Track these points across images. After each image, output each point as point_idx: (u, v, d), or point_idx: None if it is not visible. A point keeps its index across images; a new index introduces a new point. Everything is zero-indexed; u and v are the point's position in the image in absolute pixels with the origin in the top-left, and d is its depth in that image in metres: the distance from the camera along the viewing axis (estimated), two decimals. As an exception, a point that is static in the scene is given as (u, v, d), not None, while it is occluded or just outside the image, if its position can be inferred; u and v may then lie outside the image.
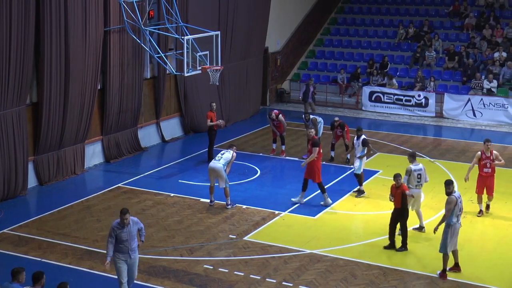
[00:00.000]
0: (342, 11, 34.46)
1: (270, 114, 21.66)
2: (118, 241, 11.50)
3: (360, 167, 17.75)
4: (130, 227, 11.58)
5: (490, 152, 16.17)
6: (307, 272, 13.41)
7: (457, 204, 13.07)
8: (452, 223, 13.08)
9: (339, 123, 20.62)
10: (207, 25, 22.40)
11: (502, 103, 26.17)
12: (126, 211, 11.52)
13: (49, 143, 18.62)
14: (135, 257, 11.80)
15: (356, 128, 18.38)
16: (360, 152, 17.78)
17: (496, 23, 30.05)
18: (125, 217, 11.47)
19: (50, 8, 17.72)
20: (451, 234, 13.07)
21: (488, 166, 16.15)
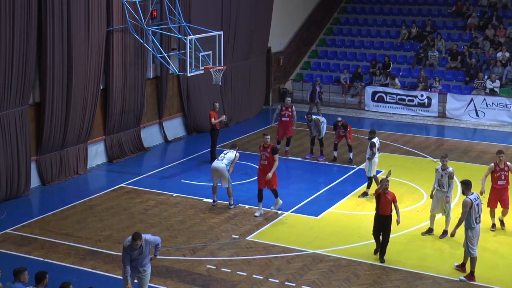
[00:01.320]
0: (345, 11, 34.44)
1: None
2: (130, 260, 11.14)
3: (370, 170, 17.60)
4: (143, 248, 11.14)
5: (504, 163, 15.35)
6: (309, 272, 13.40)
7: (472, 207, 12.92)
8: (470, 227, 12.97)
9: (341, 123, 20.58)
10: (210, 25, 22.40)
11: (505, 103, 26.13)
12: (137, 237, 10.96)
13: (51, 143, 18.63)
14: (147, 273, 11.40)
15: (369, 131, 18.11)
16: (368, 154, 17.67)
17: (499, 23, 30.02)
18: (136, 243, 10.99)
19: (53, 8, 17.73)
20: (472, 238, 12.97)
21: (502, 178, 15.29)
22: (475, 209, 12.96)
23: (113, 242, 14.78)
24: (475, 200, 13.05)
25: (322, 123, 20.96)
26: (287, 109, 21.10)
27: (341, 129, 20.51)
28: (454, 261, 13.80)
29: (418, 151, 22.24)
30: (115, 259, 13.90)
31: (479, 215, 13.08)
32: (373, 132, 17.94)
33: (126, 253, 11.11)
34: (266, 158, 16.25)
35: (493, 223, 15.48)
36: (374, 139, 17.72)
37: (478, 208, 13.03)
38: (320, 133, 20.96)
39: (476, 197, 13.15)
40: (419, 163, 20.96)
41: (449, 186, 14.94)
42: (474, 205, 12.95)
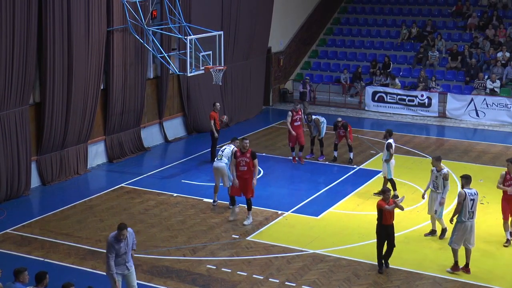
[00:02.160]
0: (345, 11, 34.45)
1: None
2: (115, 255, 11.17)
3: (389, 172, 17.39)
4: (127, 240, 11.28)
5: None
6: (310, 272, 13.40)
7: (466, 200, 13.08)
8: (461, 220, 13.18)
9: (342, 123, 20.57)
10: (210, 25, 22.41)
11: (505, 103, 26.13)
12: (124, 227, 11.17)
13: (52, 143, 18.63)
14: (132, 267, 11.47)
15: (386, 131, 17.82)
16: (385, 155, 17.46)
17: (499, 23, 30.03)
18: (123, 233, 11.12)
19: (53, 8, 17.73)
20: (459, 231, 13.19)
21: None
22: (468, 204, 13.10)
23: (113, 242, 14.76)
24: (470, 194, 13.17)
25: (322, 123, 20.95)
26: (298, 113, 20.48)
27: (341, 129, 20.51)
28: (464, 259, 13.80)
29: (418, 151, 22.24)
30: (115, 259, 13.89)
31: (473, 211, 13.19)
32: (390, 133, 17.62)
33: (112, 248, 11.11)
34: (246, 164, 15.46)
35: (507, 238, 14.73)
36: (391, 140, 17.39)
37: (471, 204, 13.16)
38: (320, 133, 20.95)
39: (473, 192, 13.25)
40: (419, 163, 20.96)
41: (444, 187, 14.83)
42: (467, 199, 13.11)
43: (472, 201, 13.17)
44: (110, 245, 11.15)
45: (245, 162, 15.50)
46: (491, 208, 16.84)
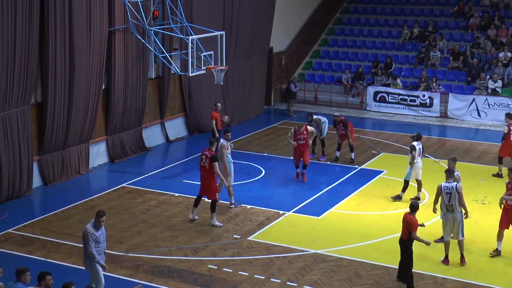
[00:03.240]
0: (347, 11, 34.43)
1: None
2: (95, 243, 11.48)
3: (408, 174, 17.25)
4: (103, 229, 11.67)
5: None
6: (311, 272, 13.39)
7: (442, 193, 13.65)
8: (443, 212, 13.83)
9: (340, 119, 20.47)
10: (212, 25, 22.41)
11: (507, 103, 26.10)
12: (103, 214, 11.58)
13: (53, 143, 18.64)
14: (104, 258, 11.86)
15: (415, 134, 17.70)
16: (410, 158, 17.35)
17: (501, 23, 30.00)
18: (103, 219, 11.51)
19: (55, 8, 17.74)
20: (444, 222, 13.80)
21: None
22: (444, 197, 13.60)
23: (114, 242, 14.78)
24: (446, 188, 13.62)
25: (323, 123, 20.94)
26: (302, 133, 18.70)
27: (340, 125, 20.42)
28: (455, 261, 13.79)
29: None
30: (116, 259, 13.92)
31: (451, 204, 13.58)
32: (418, 136, 17.45)
33: (91, 237, 11.38)
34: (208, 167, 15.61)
35: (496, 248, 14.18)
36: (415, 142, 17.24)
37: (448, 197, 13.56)
38: (321, 133, 20.94)
39: (450, 186, 13.62)
40: (421, 163, 20.93)
41: None
42: (443, 192, 13.61)
43: (448, 194, 13.58)
44: (89, 234, 11.43)
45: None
46: (493, 208, 16.81)
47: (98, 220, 11.53)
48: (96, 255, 11.46)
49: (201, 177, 15.85)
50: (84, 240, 11.53)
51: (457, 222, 13.67)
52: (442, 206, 13.74)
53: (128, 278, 13.10)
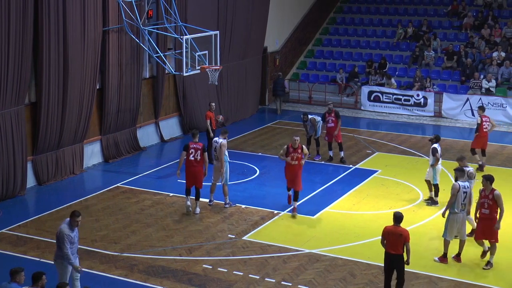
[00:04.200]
0: (341, 10, 34.48)
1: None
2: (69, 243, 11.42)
3: (435, 177, 16.90)
4: (77, 229, 11.60)
5: (490, 191, 13.52)
6: (306, 272, 13.40)
7: (459, 192, 13.42)
8: (453, 211, 13.57)
9: (334, 111, 20.50)
10: (206, 25, 22.39)
11: (501, 102, 26.19)
12: (79, 214, 11.49)
13: (47, 143, 18.60)
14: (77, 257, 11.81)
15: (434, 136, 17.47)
16: (431, 160, 17.07)
17: (494, 23, 30.09)
18: (79, 219, 11.44)
19: (49, 7, 17.70)
20: (452, 222, 13.55)
21: (486, 206, 13.50)
22: (461, 196, 13.44)
23: (109, 242, 14.77)
24: (463, 187, 13.52)
25: (318, 122, 20.95)
26: (296, 150, 16.31)
27: (332, 115, 20.41)
28: (450, 260, 13.83)
29: (414, 150, 22.27)
30: (111, 259, 13.90)
31: (465, 203, 13.55)
32: (437, 138, 17.24)
33: (66, 237, 11.29)
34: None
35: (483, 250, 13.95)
36: (436, 144, 17.03)
37: (464, 196, 13.49)
38: (316, 132, 20.96)
39: (466, 185, 13.58)
40: (415, 162, 20.99)
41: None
42: (461, 191, 13.45)
43: (464, 193, 13.54)
44: (65, 234, 11.32)
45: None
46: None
47: (75, 220, 11.41)
48: (71, 257, 11.33)
49: (190, 169, 16.23)
50: (59, 241, 11.37)
51: (465, 222, 13.75)
52: (456, 205, 13.49)
53: (123, 278, 13.09)
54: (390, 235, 11.78)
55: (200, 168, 16.20)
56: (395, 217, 11.89)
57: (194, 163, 16.14)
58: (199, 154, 16.06)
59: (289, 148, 16.31)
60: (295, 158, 16.23)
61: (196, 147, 16.13)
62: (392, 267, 11.96)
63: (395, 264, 11.88)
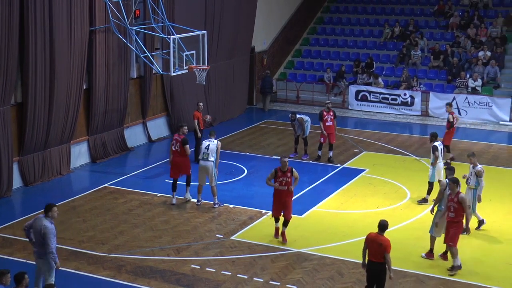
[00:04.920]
0: (328, 10, 34.54)
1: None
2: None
3: (432, 175, 16.94)
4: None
5: (456, 194, 13.33)
6: (294, 271, 13.42)
7: (446, 189, 13.62)
8: (440, 208, 13.85)
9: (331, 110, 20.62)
10: (194, 25, 22.36)
11: (487, 101, 26.34)
12: (54, 204, 11.75)
13: (34, 143, 18.50)
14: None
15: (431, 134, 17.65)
16: (431, 159, 17.10)
17: (480, 23, 30.27)
18: (56, 210, 11.69)
19: (35, 7, 17.61)
20: (439, 218, 13.71)
21: (452, 210, 13.31)
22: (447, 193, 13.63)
23: (96, 243, 14.72)
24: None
25: (306, 122, 20.98)
26: (285, 174, 14.55)
27: (330, 113, 20.47)
28: (437, 257, 13.89)
29: (402, 149, 22.35)
30: (99, 260, 13.85)
31: None
32: (434, 136, 17.32)
33: (52, 233, 11.40)
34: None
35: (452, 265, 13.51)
36: (436, 142, 17.05)
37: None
38: (304, 132, 20.98)
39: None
40: (402, 161, 21.07)
41: (478, 184, 15.18)
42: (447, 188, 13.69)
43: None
44: (51, 230, 11.39)
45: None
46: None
47: (54, 211, 11.57)
48: (55, 250, 11.43)
49: (174, 160, 17.00)
50: (44, 237, 11.35)
51: None
52: (443, 202, 13.74)
53: (111, 279, 13.04)
54: (371, 243, 11.46)
55: (182, 159, 16.87)
56: (379, 225, 11.50)
57: (176, 154, 16.94)
58: (178, 145, 16.82)
59: (277, 171, 14.46)
60: (284, 183, 14.42)
61: (177, 139, 16.94)
62: (373, 276, 11.56)
63: (376, 273, 11.49)
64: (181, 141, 16.83)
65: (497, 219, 16.04)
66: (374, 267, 11.50)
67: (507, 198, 17.57)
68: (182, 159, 16.90)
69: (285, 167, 14.45)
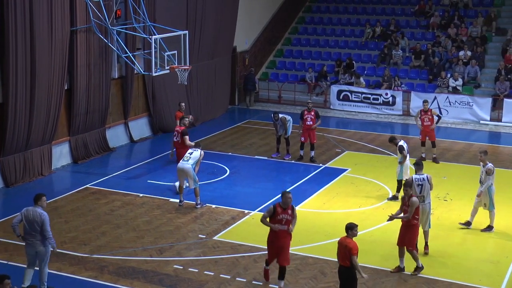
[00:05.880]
0: (310, 10, 34.63)
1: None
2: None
3: (400, 173, 17.28)
4: None
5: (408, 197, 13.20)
6: (276, 271, 13.39)
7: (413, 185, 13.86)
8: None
9: (313, 110, 20.70)
10: (175, 25, 22.32)
11: (467, 101, 26.56)
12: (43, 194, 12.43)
13: (15, 144, 18.37)
14: None
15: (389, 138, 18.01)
16: (399, 158, 17.45)
17: (460, 22, 30.51)
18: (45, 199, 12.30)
19: (15, 7, 17.49)
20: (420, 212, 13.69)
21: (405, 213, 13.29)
22: (415, 188, 13.89)
23: (78, 243, 14.65)
24: (417, 180, 14.05)
25: (288, 121, 21.02)
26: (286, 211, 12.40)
27: (312, 113, 20.55)
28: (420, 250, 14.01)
29: (383, 149, 22.46)
30: (81, 260, 13.80)
31: (422, 195, 13.98)
32: (394, 138, 17.87)
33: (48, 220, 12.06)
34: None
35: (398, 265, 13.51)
36: (401, 142, 17.42)
37: (420, 189, 13.99)
38: (286, 131, 21.02)
39: (421, 178, 14.08)
40: (384, 161, 21.18)
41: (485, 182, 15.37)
42: (414, 184, 13.95)
43: (420, 186, 14.01)
44: (47, 217, 12.06)
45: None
46: (454, 204, 17.13)
47: (44, 200, 12.22)
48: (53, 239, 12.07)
49: (177, 151, 18.22)
50: (43, 225, 11.91)
51: (425, 213, 14.11)
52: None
53: (93, 280, 13.00)
54: (340, 247, 11.45)
55: (184, 150, 17.54)
56: (345, 228, 11.46)
57: (178, 145, 18.26)
58: (179, 136, 18.17)
59: (276, 208, 12.32)
60: (284, 221, 12.27)
61: (178, 130, 18.36)
62: (342, 280, 11.46)
63: (343, 276, 11.40)
64: (181, 132, 18.07)
65: (477, 218, 16.16)
66: (342, 271, 11.47)
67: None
68: (184, 151, 17.50)
69: (287, 203, 12.31)
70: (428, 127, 20.90)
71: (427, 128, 20.90)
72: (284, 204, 12.29)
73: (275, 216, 12.25)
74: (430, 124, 20.83)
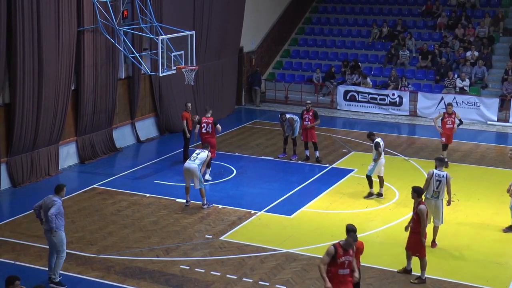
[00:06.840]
0: (316, 10, 34.61)
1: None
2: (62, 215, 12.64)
3: (371, 169, 17.55)
4: None
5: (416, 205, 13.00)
6: (283, 271, 13.43)
7: (432, 179, 14.14)
8: (426, 197, 14.14)
9: (312, 109, 20.66)
10: (182, 25, 22.34)
11: (474, 101, 26.48)
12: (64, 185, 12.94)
13: (22, 144, 18.42)
14: None
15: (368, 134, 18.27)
16: (374, 155, 17.63)
17: (468, 23, 30.43)
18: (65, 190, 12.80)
19: (22, 8, 17.53)
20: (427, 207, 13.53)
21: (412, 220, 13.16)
22: (434, 183, 14.20)
23: (85, 243, 14.68)
24: (437, 175, 14.26)
25: (296, 122, 21.00)
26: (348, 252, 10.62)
27: (310, 114, 20.55)
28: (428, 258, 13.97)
29: (390, 149, 22.40)
30: (87, 260, 13.82)
31: (438, 191, 14.26)
32: (373, 134, 18.11)
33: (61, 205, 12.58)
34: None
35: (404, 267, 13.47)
36: (378, 139, 17.69)
37: (437, 184, 14.22)
38: (293, 132, 21.01)
39: (441, 175, 14.26)
40: (391, 161, 21.09)
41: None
42: (434, 178, 14.20)
43: (438, 182, 14.21)
44: (60, 204, 12.57)
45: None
46: (461, 205, 17.07)
47: (63, 192, 12.76)
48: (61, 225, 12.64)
49: (203, 142, 18.78)
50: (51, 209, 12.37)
51: (439, 209, 14.33)
52: (429, 191, 14.24)
53: (100, 280, 13.01)
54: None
55: (211, 139, 18.93)
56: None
57: (206, 135, 19.03)
58: (210, 127, 19.01)
59: (337, 249, 10.45)
60: (346, 264, 10.46)
61: (208, 121, 19.08)
62: None
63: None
64: (212, 122, 18.97)
65: (485, 219, 16.13)
66: None
67: (495, 198, 17.66)
68: (211, 139, 18.80)
69: (351, 244, 10.50)
70: (450, 130, 20.42)
71: (449, 131, 20.38)
72: (347, 246, 10.44)
73: (336, 258, 10.37)
74: (452, 127, 20.44)
